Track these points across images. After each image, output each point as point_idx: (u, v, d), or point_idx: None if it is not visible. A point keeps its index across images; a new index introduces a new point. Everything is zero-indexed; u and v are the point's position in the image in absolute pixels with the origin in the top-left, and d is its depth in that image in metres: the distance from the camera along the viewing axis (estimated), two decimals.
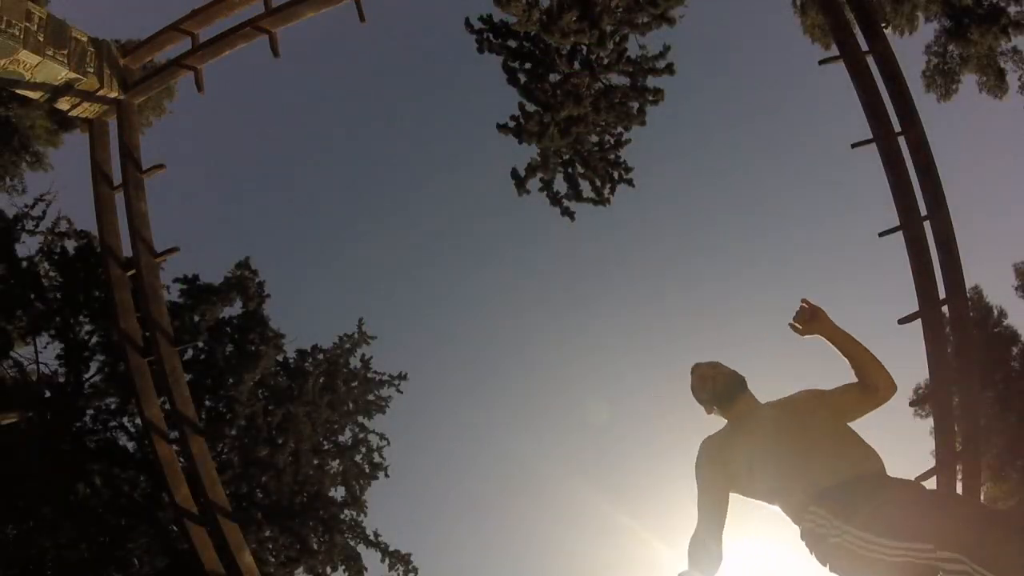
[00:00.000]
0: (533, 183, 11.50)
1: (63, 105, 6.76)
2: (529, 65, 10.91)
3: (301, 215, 33.49)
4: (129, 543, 14.58)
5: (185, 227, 25.65)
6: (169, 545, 14.32)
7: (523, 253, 34.39)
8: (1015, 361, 16.90)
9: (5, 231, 15.27)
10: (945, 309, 5.72)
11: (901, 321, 5.75)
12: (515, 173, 11.44)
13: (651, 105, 11.06)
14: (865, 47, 5.88)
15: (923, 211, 5.72)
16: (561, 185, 11.64)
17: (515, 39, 10.79)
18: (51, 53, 6.13)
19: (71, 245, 15.75)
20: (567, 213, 11.72)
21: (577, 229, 13.67)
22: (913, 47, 14.76)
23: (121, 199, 6.93)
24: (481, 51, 10.85)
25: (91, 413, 15.61)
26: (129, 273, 6.95)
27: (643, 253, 33.25)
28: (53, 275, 15.72)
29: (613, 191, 11.64)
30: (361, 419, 17.62)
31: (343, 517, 16.49)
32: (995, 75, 14.53)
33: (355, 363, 17.73)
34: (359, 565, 16.19)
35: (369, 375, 17.76)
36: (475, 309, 35.42)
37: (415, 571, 16.20)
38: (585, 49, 10.75)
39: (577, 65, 10.85)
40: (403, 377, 17.99)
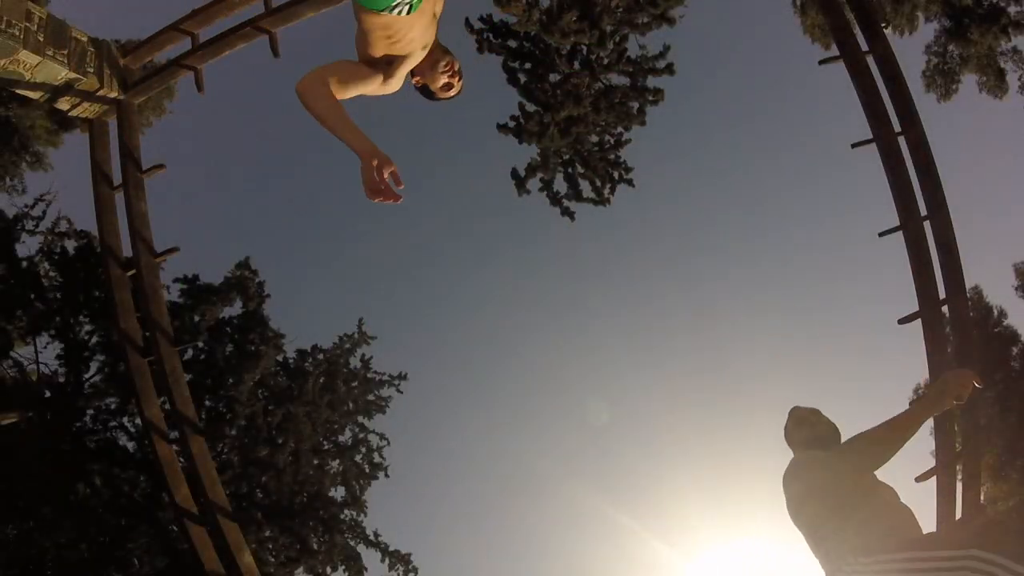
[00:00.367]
0: (533, 183, 11.52)
1: (63, 105, 6.75)
2: (529, 65, 10.92)
3: (301, 215, 33.51)
4: (129, 543, 14.58)
5: (185, 227, 25.70)
6: (169, 545, 14.32)
7: (523, 253, 34.42)
8: (1015, 361, 16.88)
9: (5, 231, 15.27)
10: (945, 309, 5.71)
11: (901, 321, 5.75)
12: (515, 173, 11.45)
13: (651, 105, 11.08)
14: (865, 47, 5.87)
15: (923, 211, 5.71)
16: (561, 185, 11.66)
17: (515, 39, 10.81)
18: (51, 53, 6.12)
19: (71, 245, 15.77)
20: (567, 213, 11.73)
21: (577, 229, 13.68)
22: (913, 47, 14.78)
23: (121, 199, 6.92)
24: (481, 51, 10.86)
25: (91, 413, 15.61)
26: (129, 273, 6.94)
27: (643, 253, 33.27)
28: (53, 275, 15.72)
29: (613, 191, 11.65)
30: (361, 419, 17.63)
31: (343, 517, 16.50)
32: (995, 75, 14.53)
33: (355, 363, 17.74)
34: (359, 565, 16.20)
35: (369, 375, 17.77)
36: (475, 309, 35.45)
37: (415, 571, 16.23)
38: (585, 49, 10.75)
39: (577, 65, 10.86)
40: (403, 377, 18.02)
